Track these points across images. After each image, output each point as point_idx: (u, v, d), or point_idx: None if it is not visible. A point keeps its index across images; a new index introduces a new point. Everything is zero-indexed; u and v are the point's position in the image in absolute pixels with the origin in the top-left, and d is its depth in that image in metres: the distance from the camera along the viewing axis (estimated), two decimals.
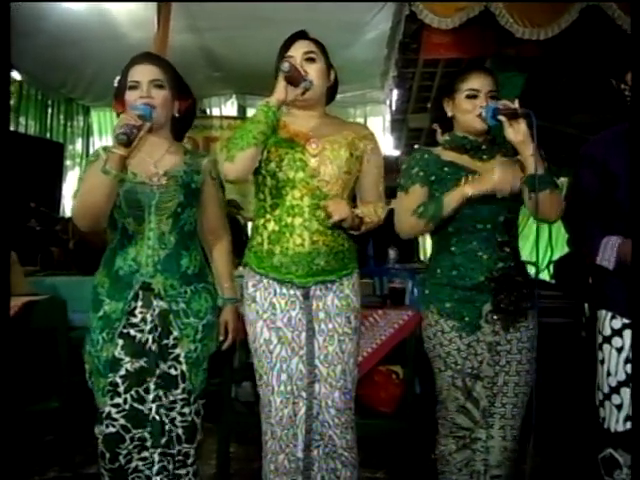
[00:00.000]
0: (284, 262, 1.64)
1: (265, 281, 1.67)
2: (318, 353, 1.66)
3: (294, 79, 1.58)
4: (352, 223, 1.64)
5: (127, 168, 1.58)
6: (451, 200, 1.66)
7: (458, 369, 1.72)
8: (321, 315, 1.67)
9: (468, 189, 1.66)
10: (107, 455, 1.63)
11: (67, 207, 5.80)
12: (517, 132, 1.61)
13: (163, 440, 1.64)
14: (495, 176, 1.66)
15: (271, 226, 1.67)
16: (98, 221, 1.61)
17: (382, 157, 1.81)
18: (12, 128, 5.09)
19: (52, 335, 2.45)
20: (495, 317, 1.70)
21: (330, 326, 1.67)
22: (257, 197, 1.73)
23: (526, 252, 2.64)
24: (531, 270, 1.92)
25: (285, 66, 1.55)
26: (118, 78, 1.70)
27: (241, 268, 3.71)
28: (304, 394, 1.65)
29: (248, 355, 2.56)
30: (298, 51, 1.66)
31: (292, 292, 1.66)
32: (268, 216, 1.68)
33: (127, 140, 1.48)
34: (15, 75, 4.99)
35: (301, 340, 1.65)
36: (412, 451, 2.27)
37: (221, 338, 1.77)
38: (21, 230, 4.11)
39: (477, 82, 1.72)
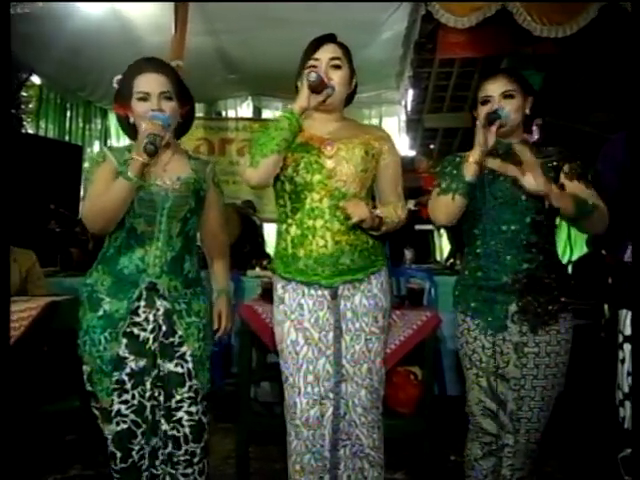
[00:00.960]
0: (309, 264, 1.66)
1: (293, 284, 1.69)
2: (345, 352, 1.66)
3: (318, 88, 1.59)
4: (372, 223, 1.64)
5: (145, 174, 1.60)
6: (466, 170, 1.66)
7: (482, 367, 1.72)
8: (349, 315, 1.68)
9: (473, 155, 1.65)
10: (118, 454, 1.63)
11: None
12: (537, 185, 1.59)
13: (154, 440, 1.65)
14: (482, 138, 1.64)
15: (293, 230, 1.68)
16: (110, 224, 1.62)
17: (399, 158, 1.82)
18: (32, 131, 5.17)
19: (74, 335, 2.48)
20: (522, 318, 1.69)
21: (357, 325, 1.67)
22: (277, 203, 1.74)
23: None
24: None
25: (312, 76, 1.56)
26: (118, 78, 1.70)
27: (258, 269, 3.73)
28: (331, 395, 1.65)
29: (266, 356, 2.59)
30: (324, 55, 1.67)
31: (320, 293, 1.67)
32: (290, 220, 1.69)
33: (155, 149, 1.52)
34: (35, 79, 5.07)
35: (328, 340, 1.66)
36: (430, 451, 2.27)
37: (215, 326, 1.77)
38: (41, 231, 4.17)
39: (490, 88, 1.73)
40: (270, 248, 5.02)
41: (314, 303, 1.67)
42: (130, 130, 1.71)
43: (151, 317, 1.64)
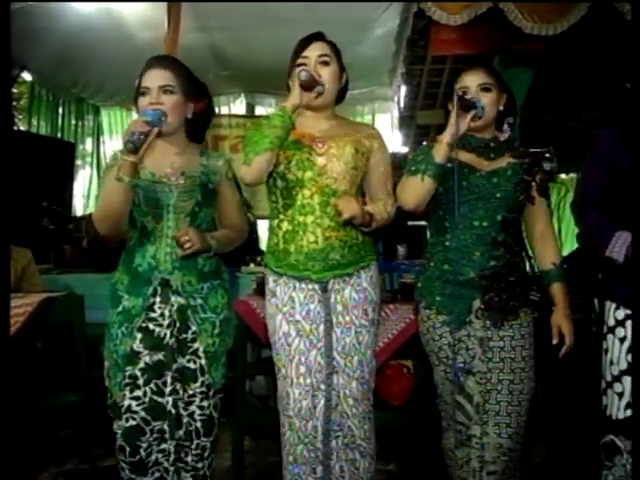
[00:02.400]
0: (300, 260, 1.69)
1: (285, 278, 1.72)
2: (336, 345, 1.70)
3: (309, 85, 1.62)
4: (362, 220, 1.67)
5: (139, 173, 1.61)
6: (436, 151, 1.66)
7: (450, 363, 1.74)
8: (339, 308, 1.71)
9: (445, 136, 1.65)
10: (127, 449, 1.66)
11: (78, 206, 5.86)
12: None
13: (179, 433, 1.68)
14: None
15: (285, 226, 1.71)
16: (118, 224, 1.65)
17: (389, 155, 1.84)
18: (24, 128, 5.15)
19: (70, 330, 2.50)
20: (485, 314, 1.72)
21: (347, 318, 1.71)
22: (270, 199, 1.78)
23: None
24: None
25: (303, 75, 1.60)
26: (138, 81, 1.71)
27: (252, 265, 3.75)
28: (323, 386, 1.69)
29: (261, 350, 2.61)
30: (313, 52, 1.70)
31: (310, 286, 1.71)
32: (281, 216, 1.73)
33: (134, 147, 1.52)
34: (26, 76, 5.04)
35: (319, 333, 1.69)
36: (423, 443, 2.30)
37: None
38: (34, 229, 4.16)
39: (467, 79, 1.75)
40: (263, 244, 5.04)
41: (305, 296, 1.70)
42: None
43: (167, 313, 1.67)
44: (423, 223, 4.81)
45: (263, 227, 5.34)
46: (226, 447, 2.54)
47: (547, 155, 2.25)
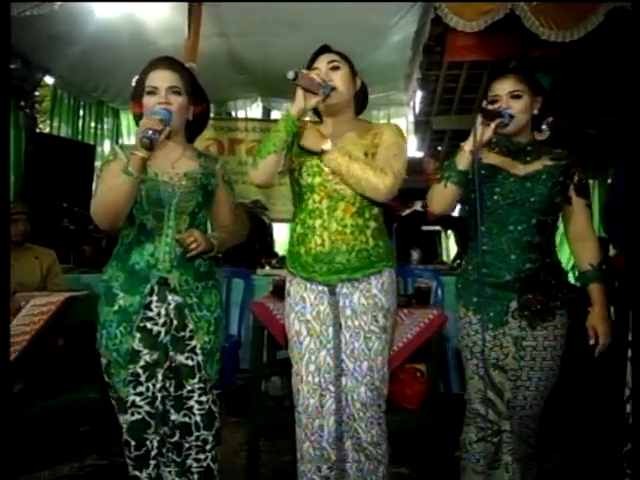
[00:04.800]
0: (308, 261, 1.74)
1: (297, 278, 1.78)
2: (344, 348, 1.72)
3: (309, 86, 1.63)
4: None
5: (147, 169, 1.63)
6: (458, 159, 1.72)
7: (483, 359, 1.77)
8: (347, 312, 1.73)
9: (467, 144, 1.70)
10: (132, 443, 1.69)
11: None
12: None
13: (163, 430, 1.70)
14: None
15: (298, 229, 1.77)
16: (118, 220, 1.65)
17: (399, 134, 1.79)
18: (45, 130, 5.25)
19: (90, 329, 2.55)
20: (521, 314, 1.75)
21: (356, 323, 1.72)
22: (292, 203, 1.85)
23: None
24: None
25: (290, 74, 1.60)
26: (136, 78, 1.74)
27: (268, 268, 3.78)
28: (332, 387, 1.71)
29: (277, 351, 2.64)
30: (322, 62, 1.75)
31: (320, 288, 1.75)
32: (296, 220, 1.79)
33: (150, 144, 1.54)
34: (48, 79, 5.15)
35: (329, 334, 1.73)
36: (436, 447, 2.32)
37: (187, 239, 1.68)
38: (55, 229, 4.25)
39: (497, 88, 1.78)
40: (279, 247, 5.08)
41: (315, 297, 1.75)
42: None
43: (163, 311, 1.69)
44: (437, 228, 4.83)
45: (279, 230, 5.39)
46: (241, 447, 2.58)
47: None
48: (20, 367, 2.26)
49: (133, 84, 1.75)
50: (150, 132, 1.53)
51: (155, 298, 1.69)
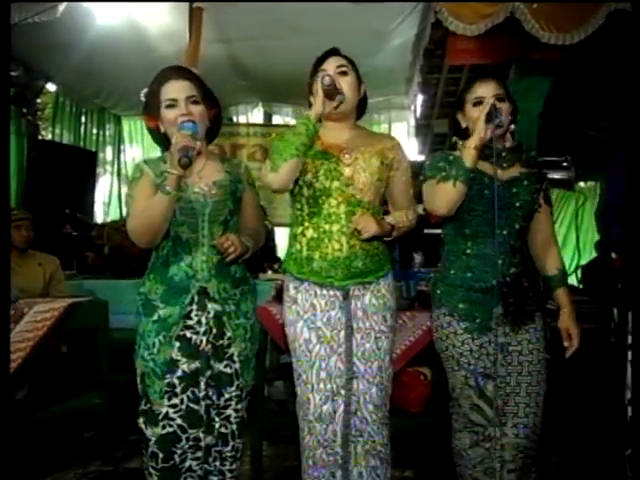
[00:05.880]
0: (324, 266, 1.73)
1: (306, 284, 1.76)
2: (356, 350, 1.73)
3: (331, 93, 1.66)
4: (382, 233, 1.72)
5: (181, 186, 1.62)
6: (466, 157, 1.69)
7: (471, 369, 1.77)
8: (359, 314, 1.74)
9: (473, 141, 1.69)
10: (160, 455, 1.65)
11: (99, 213, 5.97)
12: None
13: (209, 438, 1.68)
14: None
15: (310, 233, 1.75)
16: (156, 238, 1.66)
17: (409, 164, 1.88)
18: (49, 137, 5.27)
19: (94, 335, 2.55)
20: (505, 319, 1.76)
21: (367, 324, 1.74)
22: (294, 207, 1.81)
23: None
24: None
25: (326, 80, 1.63)
26: (145, 91, 1.71)
27: (270, 272, 3.78)
28: (343, 391, 1.71)
29: (280, 355, 2.65)
30: (331, 65, 1.75)
31: (332, 293, 1.74)
32: (306, 224, 1.76)
33: (189, 162, 1.54)
34: (50, 87, 5.18)
35: (340, 339, 1.73)
36: (440, 450, 2.31)
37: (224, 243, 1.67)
38: (57, 236, 4.26)
39: (481, 89, 1.77)
40: (280, 252, 5.08)
41: (326, 303, 1.74)
42: (162, 140, 1.72)
43: (203, 320, 1.68)
44: (439, 231, 4.83)
45: (280, 235, 5.39)
46: (245, 451, 2.57)
47: (565, 164, 2.27)
48: (23, 374, 2.27)
49: (142, 98, 1.73)
50: (187, 151, 1.54)
51: (195, 307, 1.68)
